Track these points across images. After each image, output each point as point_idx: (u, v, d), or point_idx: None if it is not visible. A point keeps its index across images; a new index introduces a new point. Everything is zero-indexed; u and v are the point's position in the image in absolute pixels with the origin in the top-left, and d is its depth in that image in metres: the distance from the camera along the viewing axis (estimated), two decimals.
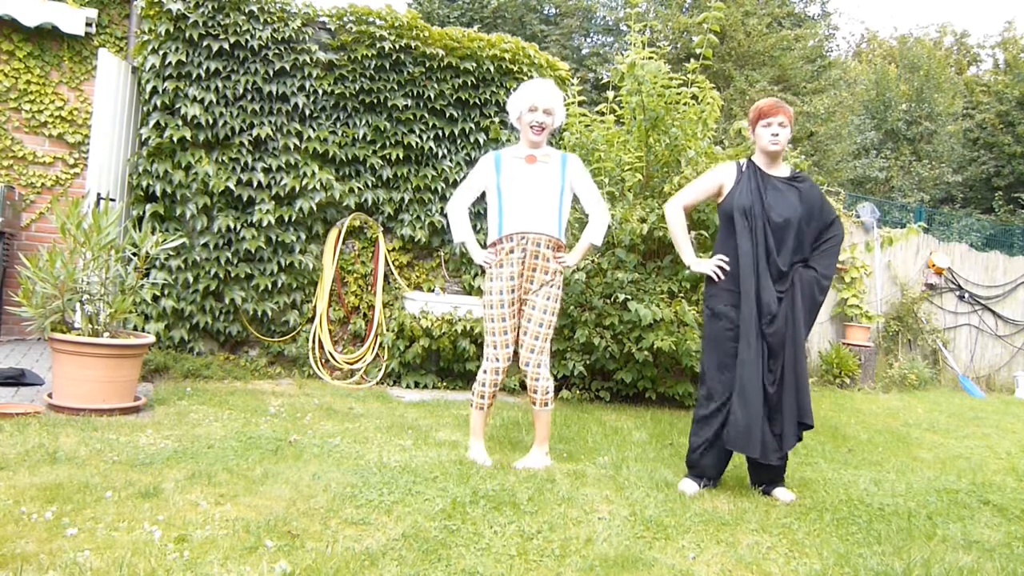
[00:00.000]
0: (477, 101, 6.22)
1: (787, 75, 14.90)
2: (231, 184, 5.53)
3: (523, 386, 5.84)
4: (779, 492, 3.48)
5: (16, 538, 2.29)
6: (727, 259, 3.49)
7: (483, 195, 3.81)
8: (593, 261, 5.72)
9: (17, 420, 3.61)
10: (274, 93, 5.70)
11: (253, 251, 5.64)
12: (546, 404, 3.66)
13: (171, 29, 5.39)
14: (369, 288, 6.08)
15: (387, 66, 5.97)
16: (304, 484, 3.04)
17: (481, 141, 6.23)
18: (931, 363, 9.68)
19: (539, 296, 3.63)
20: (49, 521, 2.43)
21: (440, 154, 6.17)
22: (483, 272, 3.85)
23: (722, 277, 3.48)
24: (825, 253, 3.53)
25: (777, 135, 3.46)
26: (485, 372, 3.66)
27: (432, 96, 6.07)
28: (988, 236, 12.15)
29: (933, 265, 9.81)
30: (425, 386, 5.80)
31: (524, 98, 3.65)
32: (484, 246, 3.79)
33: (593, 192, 3.77)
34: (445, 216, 6.16)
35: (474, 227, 5.97)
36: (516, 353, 3.72)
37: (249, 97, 5.64)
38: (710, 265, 3.52)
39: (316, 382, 5.67)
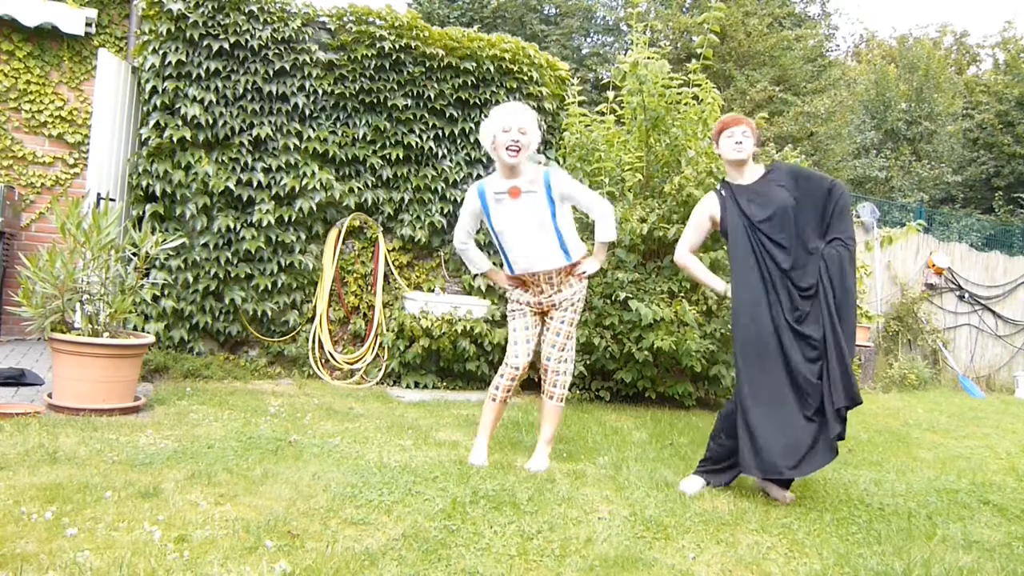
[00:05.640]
0: (477, 101, 6.22)
1: (787, 75, 14.91)
2: (231, 184, 5.53)
3: (524, 386, 5.84)
4: (778, 492, 3.48)
5: (16, 538, 2.29)
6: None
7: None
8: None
9: (17, 420, 3.61)
10: (274, 93, 5.69)
11: (253, 251, 5.64)
12: (561, 400, 3.71)
13: (171, 29, 5.39)
14: (369, 288, 6.07)
15: (387, 66, 5.97)
16: (304, 484, 3.04)
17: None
18: (931, 363, 9.68)
19: (564, 305, 3.70)
20: (49, 521, 2.43)
21: (440, 154, 6.17)
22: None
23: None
24: (838, 217, 3.45)
25: (740, 143, 3.46)
26: (502, 376, 3.73)
27: (432, 96, 6.07)
28: (988, 236, 12.14)
29: (933, 265, 9.81)
30: (425, 386, 5.80)
31: (495, 121, 3.57)
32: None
33: (586, 195, 3.71)
34: (446, 216, 6.17)
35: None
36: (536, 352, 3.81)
37: (249, 97, 5.64)
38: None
39: (316, 382, 5.67)
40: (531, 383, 5.74)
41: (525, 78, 6.30)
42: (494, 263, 3.93)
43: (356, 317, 6.02)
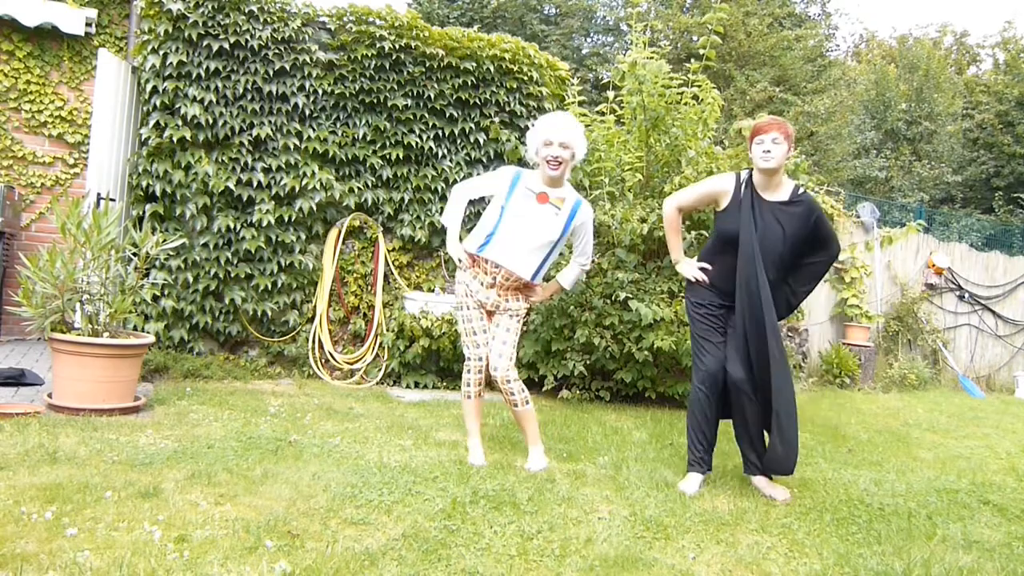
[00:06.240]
0: (477, 101, 6.22)
1: (787, 75, 14.92)
2: (231, 184, 5.53)
3: None
4: (773, 490, 3.48)
5: (16, 538, 2.29)
6: (709, 268, 3.57)
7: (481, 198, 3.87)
8: (593, 261, 5.72)
9: (17, 420, 3.61)
10: (274, 93, 5.69)
11: (253, 251, 5.64)
12: (527, 403, 3.69)
13: (171, 29, 5.39)
14: (369, 288, 6.07)
15: (387, 66, 5.97)
16: (304, 484, 3.04)
17: (481, 141, 6.23)
18: (931, 363, 9.68)
19: (510, 309, 3.71)
20: (49, 521, 2.43)
21: (440, 154, 6.17)
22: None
23: (702, 283, 3.58)
24: (807, 272, 3.57)
25: (769, 151, 3.39)
26: (469, 371, 3.77)
27: (432, 96, 6.07)
28: (988, 236, 12.15)
29: (933, 265, 9.80)
30: (425, 386, 5.80)
31: (539, 132, 3.60)
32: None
33: (587, 243, 3.79)
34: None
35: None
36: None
37: (249, 97, 5.63)
38: (692, 271, 3.60)
39: (316, 382, 5.67)
40: (529, 382, 5.73)
41: (525, 78, 6.30)
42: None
43: (356, 317, 6.02)
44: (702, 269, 3.59)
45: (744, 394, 3.47)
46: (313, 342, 5.83)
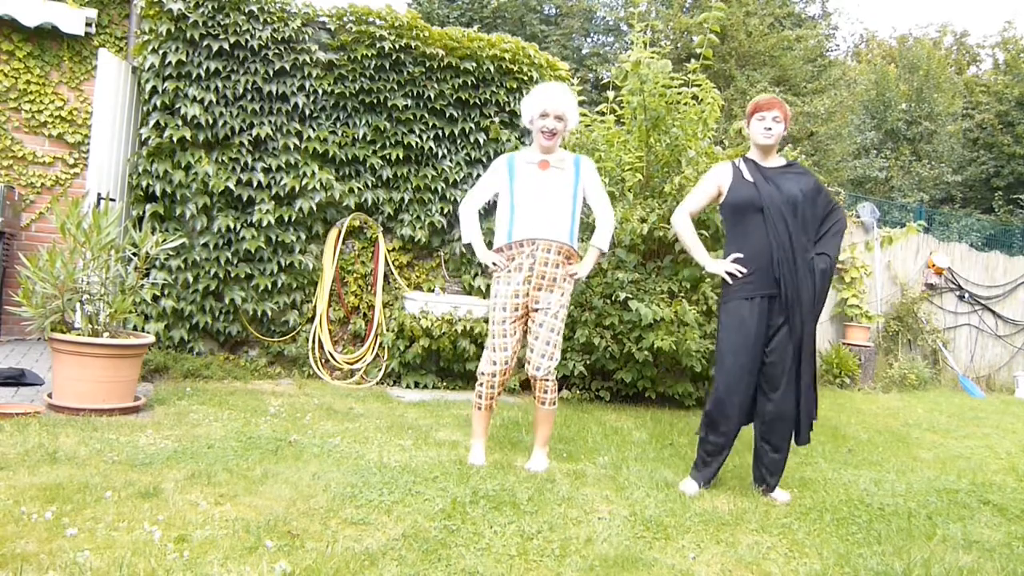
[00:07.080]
0: (477, 101, 6.22)
1: (788, 75, 14.91)
2: (231, 184, 5.53)
3: (523, 386, 5.85)
4: (774, 491, 3.48)
5: (16, 538, 2.29)
6: (742, 256, 3.45)
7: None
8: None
9: (17, 420, 3.61)
10: (274, 93, 5.69)
11: (253, 251, 5.64)
12: (553, 404, 3.70)
13: (171, 29, 5.39)
14: (369, 288, 6.07)
15: (387, 66, 5.97)
16: (304, 484, 3.04)
17: (481, 141, 6.23)
18: (931, 363, 9.68)
19: (551, 306, 3.62)
20: (49, 521, 2.43)
21: (440, 154, 6.16)
22: (487, 273, 3.87)
23: (739, 277, 3.44)
24: (834, 237, 3.52)
25: (770, 128, 3.45)
26: (483, 374, 3.68)
27: (432, 96, 6.07)
28: (988, 236, 12.15)
29: (933, 265, 9.81)
30: (425, 386, 5.80)
31: (535, 104, 3.64)
32: (490, 247, 3.79)
33: (603, 196, 3.79)
34: (446, 216, 6.16)
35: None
36: (519, 355, 3.74)
37: (249, 97, 5.63)
38: (724, 266, 3.49)
39: (316, 382, 5.67)
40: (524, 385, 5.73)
41: (525, 78, 6.30)
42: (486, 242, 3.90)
43: (356, 317, 6.02)
44: (736, 261, 3.46)
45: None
46: (313, 342, 5.83)
